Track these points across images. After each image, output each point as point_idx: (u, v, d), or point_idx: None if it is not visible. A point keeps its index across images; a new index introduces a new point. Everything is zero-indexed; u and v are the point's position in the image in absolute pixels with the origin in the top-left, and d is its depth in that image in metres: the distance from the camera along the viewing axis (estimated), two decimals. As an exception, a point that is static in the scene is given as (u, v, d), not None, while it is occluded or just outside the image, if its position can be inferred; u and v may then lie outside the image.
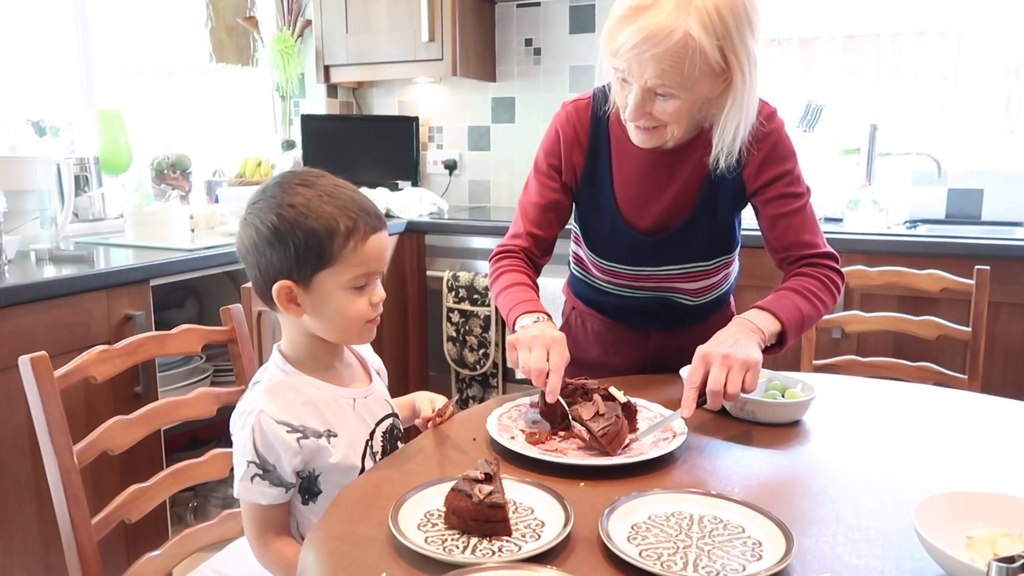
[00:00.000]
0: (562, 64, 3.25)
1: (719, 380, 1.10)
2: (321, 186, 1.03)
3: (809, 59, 2.96)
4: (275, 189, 1.04)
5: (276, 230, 1.01)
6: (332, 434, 1.06)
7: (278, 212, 1.01)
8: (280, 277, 1.02)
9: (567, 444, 1.11)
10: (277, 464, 1.02)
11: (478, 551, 0.83)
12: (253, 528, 1.06)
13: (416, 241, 2.91)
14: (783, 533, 0.83)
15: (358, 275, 1.04)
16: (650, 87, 1.17)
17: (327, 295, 1.03)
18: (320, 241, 1.00)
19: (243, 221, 1.06)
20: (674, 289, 1.45)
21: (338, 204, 1.02)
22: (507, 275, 1.39)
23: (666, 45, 1.11)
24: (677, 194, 1.36)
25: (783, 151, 1.32)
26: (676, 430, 1.12)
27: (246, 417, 1.03)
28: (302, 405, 1.05)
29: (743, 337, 1.17)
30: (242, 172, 3.18)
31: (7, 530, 1.67)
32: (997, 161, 2.72)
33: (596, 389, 1.15)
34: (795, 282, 1.31)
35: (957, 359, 2.08)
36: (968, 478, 1.04)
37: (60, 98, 2.62)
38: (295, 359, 1.10)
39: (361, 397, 1.13)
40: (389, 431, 1.16)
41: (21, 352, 1.09)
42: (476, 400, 2.83)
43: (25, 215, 2.34)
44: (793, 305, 1.26)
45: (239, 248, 1.08)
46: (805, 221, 1.34)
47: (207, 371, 2.38)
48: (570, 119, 1.39)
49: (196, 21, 3.21)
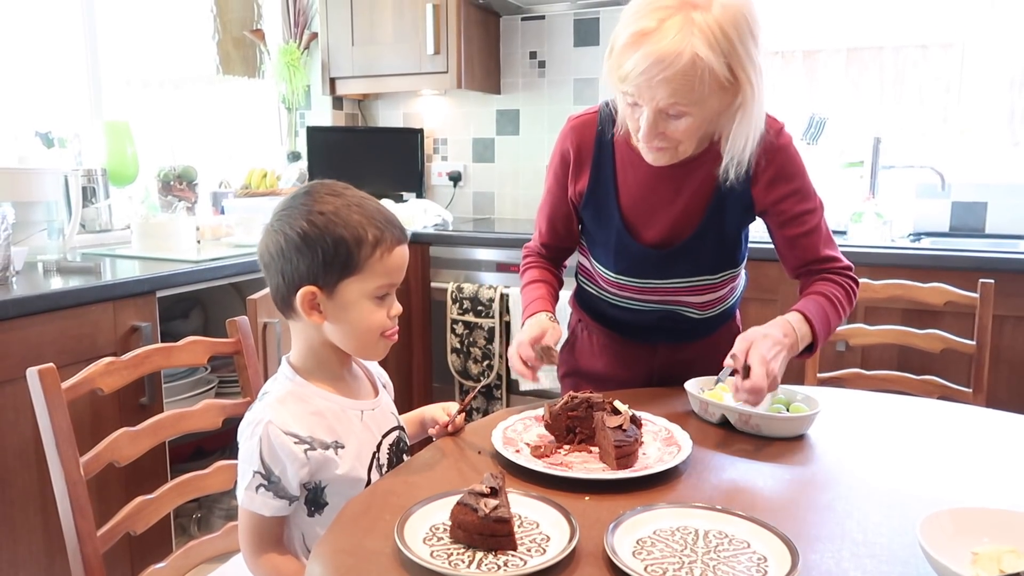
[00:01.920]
0: (566, 77, 3.26)
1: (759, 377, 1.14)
2: (349, 196, 1.06)
3: (813, 72, 2.97)
4: (305, 197, 1.05)
5: (306, 236, 1.02)
6: (340, 445, 1.07)
7: (308, 219, 1.02)
8: (305, 283, 1.03)
9: (572, 458, 1.11)
10: (283, 475, 1.03)
11: (484, 565, 0.83)
12: (249, 538, 1.06)
13: (421, 252, 2.92)
14: (788, 548, 0.83)
15: (381, 285, 1.06)
16: (662, 108, 1.18)
17: (350, 303, 1.05)
18: (348, 248, 1.02)
19: (269, 228, 1.06)
20: (680, 303, 1.45)
21: (366, 214, 1.04)
22: (528, 271, 1.52)
23: (675, 68, 1.12)
24: (684, 208, 1.36)
25: (793, 168, 1.34)
26: (680, 444, 1.12)
27: (254, 427, 1.03)
28: (310, 415, 1.06)
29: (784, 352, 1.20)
30: (248, 183, 3.19)
31: (12, 541, 1.67)
32: (1001, 174, 2.73)
33: (601, 403, 1.15)
34: (822, 287, 1.34)
35: (962, 372, 2.08)
36: (973, 493, 1.04)
37: (68, 110, 2.64)
38: (304, 370, 1.11)
39: (369, 409, 1.13)
40: (395, 444, 1.16)
41: (28, 363, 1.10)
42: (480, 412, 2.83)
43: (33, 226, 2.36)
44: (826, 318, 1.30)
45: (262, 255, 1.08)
46: (822, 237, 1.37)
47: (212, 382, 2.38)
48: (574, 136, 1.41)
49: (203, 33, 3.24)
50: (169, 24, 3.05)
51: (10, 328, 1.62)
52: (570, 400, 1.16)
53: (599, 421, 1.11)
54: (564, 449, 1.14)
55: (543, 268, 1.53)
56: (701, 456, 1.13)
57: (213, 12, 3.27)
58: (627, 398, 1.19)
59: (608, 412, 1.12)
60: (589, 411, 1.15)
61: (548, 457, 1.10)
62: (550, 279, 1.51)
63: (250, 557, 1.07)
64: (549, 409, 1.16)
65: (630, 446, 1.06)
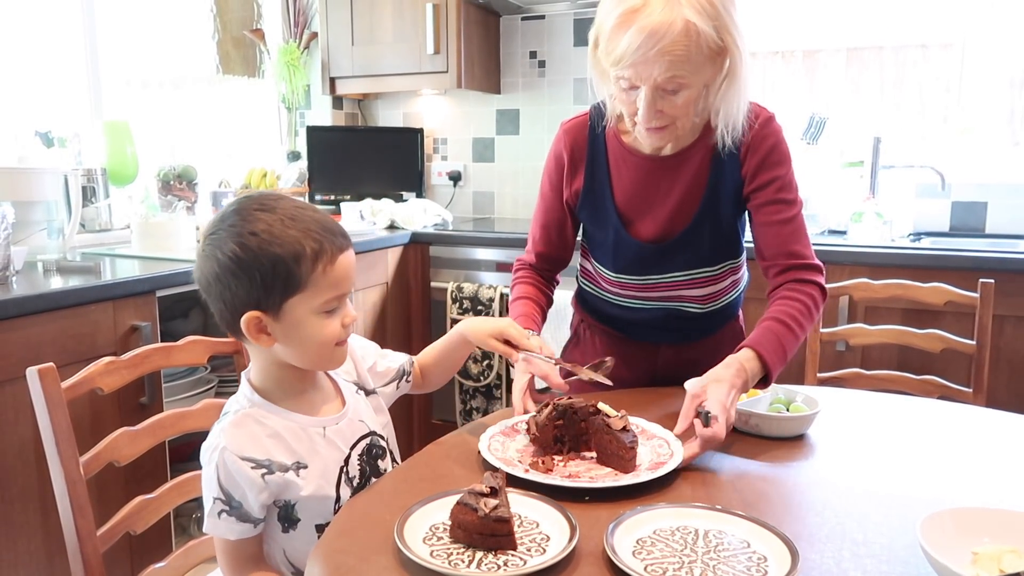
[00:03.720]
0: (566, 76, 3.26)
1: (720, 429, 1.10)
2: (282, 209, 0.99)
3: (813, 72, 2.98)
4: (233, 217, 0.99)
5: (239, 260, 0.96)
6: (302, 465, 1.03)
7: (239, 241, 0.96)
8: (248, 308, 0.98)
9: (574, 467, 1.09)
10: (243, 500, 1.00)
11: (483, 565, 0.83)
12: (227, 562, 1.04)
13: (420, 252, 2.92)
14: (788, 548, 0.83)
15: (329, 298, 1.00)
16: (660, 83, 1.20)
17: (298, 322, 0.99)
18: (287, 267, 0.96)
19: (201, 253, 1.01)
20: (681, 298, 1.45)
21: (301, 227, 0.98)
22: (516, 287, 1.51)
23: (670, 37, 1.14)
24: (679, 200, 1.37)
25: (779, 155, 1.35)
26: (674, 449, 1.11)
27: (211, 452, 1.01)
28: (267, 438, 1.02)
29: (737, 394, 1.17)
30: (248, 183, 3.20)
31: (12, 540, 1.67)
32: (1001, 173, 2.73)
33: (585, 407, 1.13)
34: (781, 308, 1.30)
35: (962, 372, 2.08)
36: (973, 493, 1.04)
37: (67, 109, 2.64)
38: (263, 389, 1.06)
39: (332, 424, 1.08)
40: (367, 451, 1.12)
41: (28, 363, 1.10)
42: (480, 412, 2.83)
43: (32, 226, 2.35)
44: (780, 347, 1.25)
45: (199, 281, 1.02)
46: (796, 231, 1.35)
47: (212, 382, 2.38)
48: (567, 138, 1.43)
49: (203, 33, 3.24)
50: (169, 24, 3.05)
51: (10, 328, 1.62)
52: (554, 409, 1.13)
53: (601, 425, 1.09)
54: (558, 459, 1.12)
55: (531, 284, 1.50)
56: (701, 456, 1.13)
57: (213, 12, 3.27)
58: (629, 398, 1.19)
59: (602, 416, 1.10)
60: (575, 417, 1.13)
61: (551, 471, 1.07)
62: (536, 296, 1.48)
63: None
64: (535, 422, 1.13)
65: (632, 449, 1.06)
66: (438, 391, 1.38)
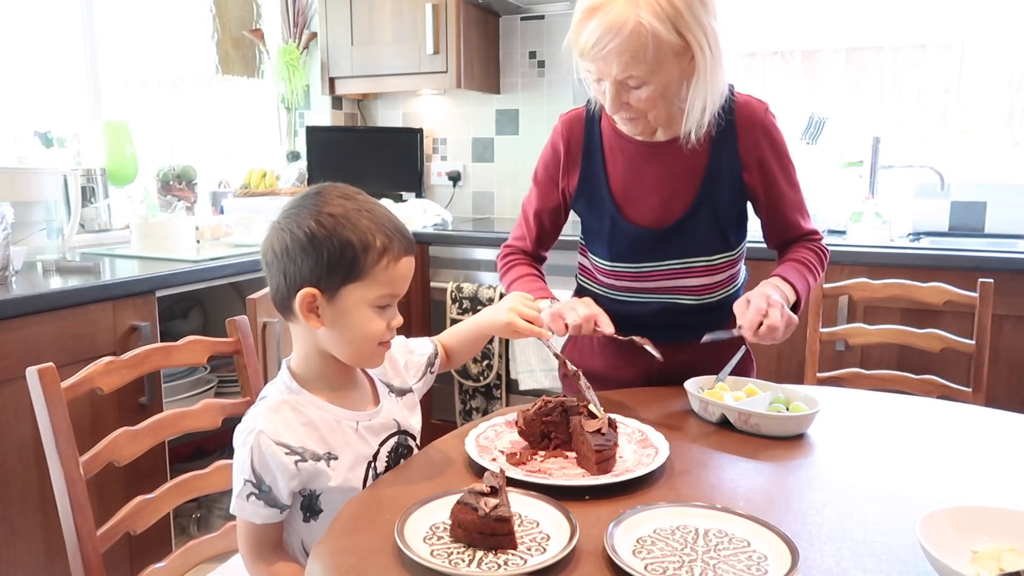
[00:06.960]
0: (566, 76, 3.26)
1: (775, 317, 1.24)
2: (360, 201, 1.03)
3: (812, 72, 2.98)
4: (315, 197, 1.03)
5: (312, 236, 0.99)
6: (332, 456, 1.05)
7: (317, 219, 1.00)
8: (307, 284, 1.01)
9: (550, 464, 1.09)
10: (273, 485, 1.02)
11: (484, 564, 0.83)
12: (247, 545, 1.06)
13: (420, 252, 2.92)
14: (788, 547, 0.83)
15: (383, 294, 1.03)
16: (619, 80, 1.24)
17: (349, 309, 1.02)
18: (354, 253, 1.00)
19: (276, 226, 1.04)
20: (677, 289, 1.46)
21: (376, 221, 1.02)
22: (517, 267, 1.51)
23: (621, 37, 1.18)
24: (675, 187, 1.39)
25: (778, 145, 1.41)
26: (658, 447, 1.11)
27: (246, 435, 1.02)
28: (302, 426, 1.04)
29: (778, 296, 1.30)
30: (247, 183, 3.19)
31: (12, 541, 1.67)
32: (1000, 173, 2.73)
33: (576, 407, 1.13)
34: (795, 255, 1.44)
35: (961, 372, 2.08)
36: (973, 492, 1.04)
37: (67, 109, 2.64)
38: (303, 377, 1.09)
39: (366, 420, 1.11)
40: (395, 450, 1.14)
41: (28, 363, 1.10)
42: (479, 412, 2.83)
43: (32, 226, 2.35)
44: (804, 280, 1.39)
45: (265, 252, 1.05)
46: (799, 208, 1.45)
47: (212, 382, 2.38)
48: (564, 130, 1.47)
49: (202, 33, 3.24)
50: (168, 24, 3.05)
51: (9, 328, 1.62)
52: (544, 405, 1.13)
53: (577, 426, 1.09)
54: (540, 455, 1.12)
55: (528, 264, 1.53)
56: (701, 456, 1.13)
57: (212, 12, 3.27)
58: (626, 397, 1.18)
59: (584, 416, 1.10)
60: (564, 416, 1.13)
61: (524, 464, 1.08)
62: (539, 272, 1.53)
63: (249, 563, 1.07)
64: (523, 415, 1.14)
65: (609, 450, 1.05)
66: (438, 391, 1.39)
